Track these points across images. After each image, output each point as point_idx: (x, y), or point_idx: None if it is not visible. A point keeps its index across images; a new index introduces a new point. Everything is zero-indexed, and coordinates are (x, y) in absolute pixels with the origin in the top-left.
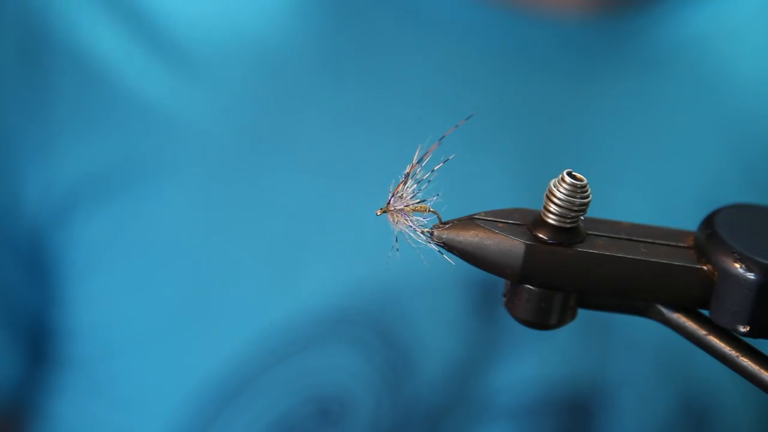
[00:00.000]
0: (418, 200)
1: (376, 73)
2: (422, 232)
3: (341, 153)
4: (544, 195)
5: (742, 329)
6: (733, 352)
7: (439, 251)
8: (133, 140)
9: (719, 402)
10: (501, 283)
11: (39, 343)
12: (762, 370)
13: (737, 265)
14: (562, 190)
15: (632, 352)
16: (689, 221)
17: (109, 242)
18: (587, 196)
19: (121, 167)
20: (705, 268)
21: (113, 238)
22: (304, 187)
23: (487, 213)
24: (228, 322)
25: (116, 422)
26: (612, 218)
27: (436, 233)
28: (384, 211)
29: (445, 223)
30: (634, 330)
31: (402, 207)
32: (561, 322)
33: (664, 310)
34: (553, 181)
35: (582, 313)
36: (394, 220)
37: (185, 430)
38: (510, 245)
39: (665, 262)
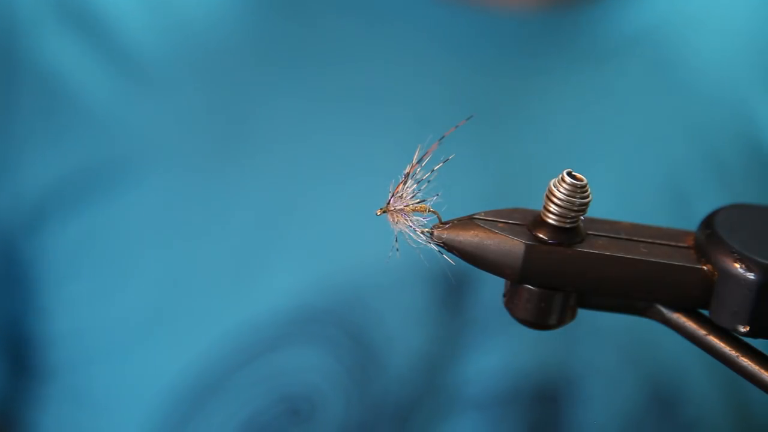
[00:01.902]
0: (418, 200)
1: (331, 70)
2: (422, 232)
3: (301, 151)
4: (544, 195)
5: (742, 329)
6: (733, 352)
7: (439, 251)
8: (97, 149)
9: (686, 386)
10: (466, 276)
11: (18, 353)
12: (762, 370)
13: (737, 265)
14: (562, 190)
15: (598, 339)
16: (654, 209)
17: (80, 250)
18: (587, 196)
19: (87, 176)
20: (705, 268)
21: (84, 245)
22: (266, 187)
23: (487, 213)
24: (197, 324)
25: (93, 427)
26: None
27: (436, 233)
28: (384, 211)
29: (445, 223)
30: (600, 317)
31: (402, 207)
32: (561, 322)
33: (664, 310)
34: (553, 181)
35: None
36: (394, 220)
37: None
38: (510, 245)
39: (665, 262)
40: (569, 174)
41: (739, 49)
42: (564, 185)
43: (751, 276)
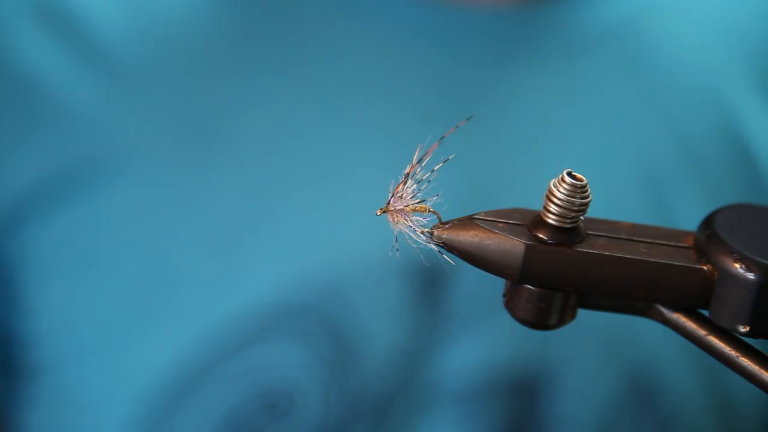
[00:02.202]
0: (418, 200)
1: (307, 69)
2: (422, 232)
3: (280, 148)
4: (544, 195)
5: (742, 329)
6: (733, 352)
7: (438, 251)
8: (75, 148)
9: (665, 379)
10: (443, 270)
11: (0, 353)
12: (762, 370)
13: (737, 265)
14: (561, 190)
15: (575, 331)
16: (629, 201)
17: (60, 248)
18: (587, 196)
19: (66, 175)
20: (705, 268)
21: (64, 243)
22: (245, 184)
23: (487, 213)
24: (177, 321)
25: (76, 424)
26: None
27: (436, 233)
28: (384, 211)
29: (445, 223)
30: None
31: (402, 207)
32: (561, 322)
33: (664, 310)
34: (553, 181)
35: None
36: (394, 220)
37: (140, 429)
38: (510, 245)
39: (665, 262)
40: (569, 174)
41: (714, 40)
42: (564, 185)
43: (751, 276)
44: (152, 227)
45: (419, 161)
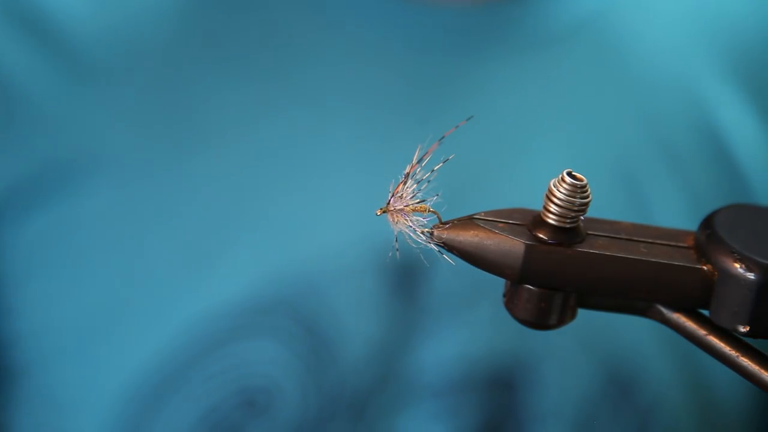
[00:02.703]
0: (418, 200)
1: (279, 65)
2: (422, 232)
3: (252, 145)
4: (544, 195)
5: (742, 329)
6: (733, 352)
7: (438, 251)
8: (46, 149)
9: (643, 370)
10: (418, 265)
11: None
12: (762, 370)
13: (737, 265)
14: (561, 190)
15: None
16: (603, 194)
17: (35, 250)
18: (587, 196)
19: (38, 176)
20: (705, 268)
21: (39, 244)
22: (217, 181)
23: (487, 213)
24: (152, 320)
25: (55, 425)
26: (524, 194)
27: (436, 233)
28: (384, 211)
29: (445, 223)
30: None
31: (402, 207)
32: (561, 322)
33: (664, 310)
34: (553, 181)
35: (496, 287)
36: (393, 220)
37: (120, 429)
38: (510, 245)
39: (665, 262)
40: (569, 174)
41: (685, 33)
42: (564, 185)
43: (751, 276)
44: (126, 226)
45: (419, 161)
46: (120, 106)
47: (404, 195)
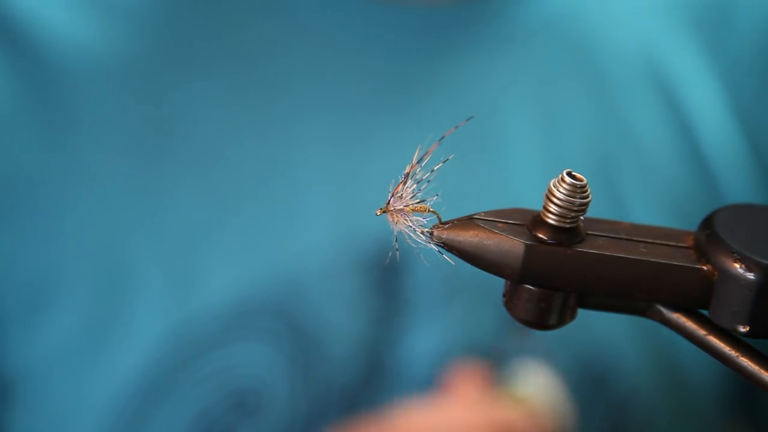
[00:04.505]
0: (418, 200)
1: (248, 68)
2: (422, 232)
3: (228, 148)
4: (544, 195)
5: (742, 329)
6: (733, 352)
7: (438, 251)
8: (24, 153)
9: (616, 364)
10: (398, 261)
11: None
12: (762, 370)
13: (737, 265)
14: (561, 190)
15: None
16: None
17: (20, 257)
18: (587, 196)
19: (16, 184)
20: (705, 268)
21: (22, 253)
22: (195, 186)
23: (487, 213)
24: (136, 326)
25: None
26: (499, 191)
27: (435, 233)
28: (384, 211)
29: (444, 223)
30: None
31: (402, 207)
32: (561, 322)
33: (664, 310)
34: (552, 181)
35: (475, 281)
36: (393, 220)
37: None
38: (510, 245)
39: (665, 262)
40: (569, 174)
41: (656, 28)
42: (564, 185)
43: (751, 276)
44: (108, 232)
45: (418, 161)
46: (98, 112)
47: (404, 195)
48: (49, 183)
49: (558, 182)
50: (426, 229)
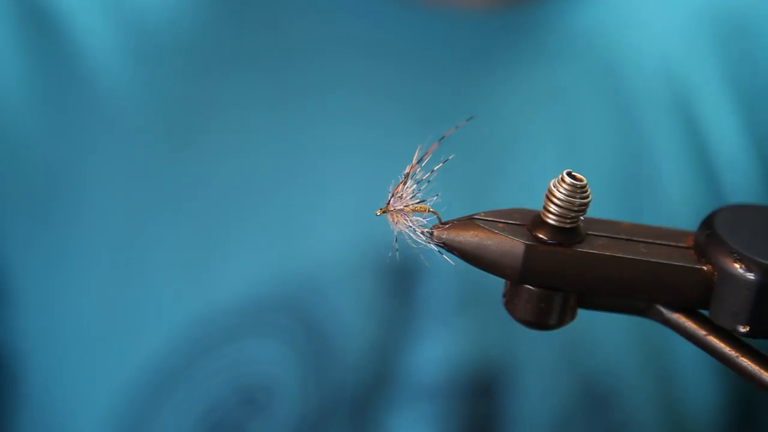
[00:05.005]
0: (418, 200)
1: (288, 65)
2: (422, 232)
3: (253, 145)
4: (544, 195)
5: (742, 329)
6: (733, 352)
7: (438, 251)
8: (44, 149)
9: (619, 387)
10: (415, 266)
11: None
12: (762, 370)
13: (737, 266)
14: (561, 190)
15: (535, 334)
16: (602, 204)
17: (35, 248)
18: (587, 197)
19: (38, 175)
20: (705, 268)
21: (39, 243)
22: (219, 180)
23: (487, 213)
24: (151, 318)
25: (53, 426)
26: (525, 201)
27: (435, 233)
28: (384, 212)
29: (444, 223)
30: None
31: (402, 207)
32: (561, 322)
33: (664, 311)
34: (552, 181)
35: (489, 291)
36: (393, 220)
37: (119, 429)
38: (510, 245)
39: (665, 262)
40: (569, 174)
41: (679, 48)
42: (564, 185)
43: (751, 276)
44: (127, 224)
45: (419, 161)
46: (127, 104)
47: (404, 195)
48: (70, 170)
49: (558, 182)
50: (426, 229)
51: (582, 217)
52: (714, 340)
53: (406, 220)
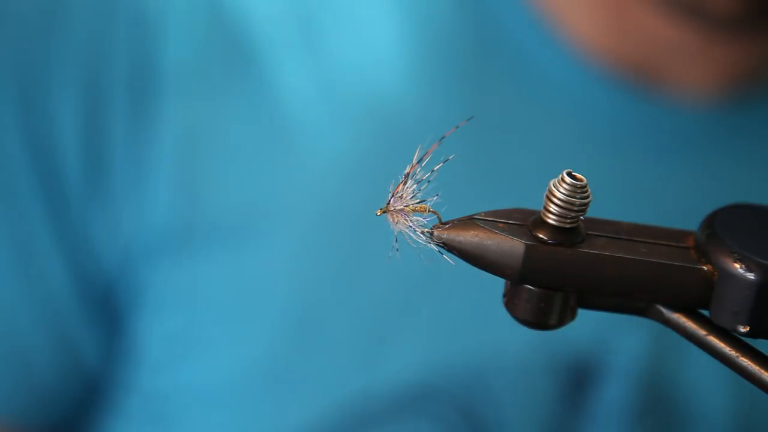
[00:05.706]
0: (418, 200)
1: (494, 144)
2: (422, 233)
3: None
4: (544, 195)
5: (742, 329)
6: (733, 352)
7: (438, 251)
8: (233, 189)
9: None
10: (591, 372)
11: (134, 407)
12: (762, 371)
13: (737, 266)
14: (562, 190)
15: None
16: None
17: (191, 291)
18: (587, 197)
19: (216, 218)
20: (705, 268)
21: (196, 287)
22: (396, 265)
23: (487, 213)
24: (309, 388)
25: None
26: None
27: (436, 233)
28: (384, 212)
29: (445, 223)
30: None
31: (402, 207)
32: (561, 322)
33: (664, 311)
34: (553, 181)
35: (668, 400)
36: (393, 221)
37: None
38: (510, 245)
39: (665, 262)
40: (569, 174)
41: None
42: (564, 185)
43: (751, 276)
44: (297, 287)
45: (419, 161)
46: (317, 162)
47: (404, 195)
48: (251, 226)
49: (558, 182)
50: (426, 229)
51: (582, 217)
52: (714, 340)
53: (406, 220)
